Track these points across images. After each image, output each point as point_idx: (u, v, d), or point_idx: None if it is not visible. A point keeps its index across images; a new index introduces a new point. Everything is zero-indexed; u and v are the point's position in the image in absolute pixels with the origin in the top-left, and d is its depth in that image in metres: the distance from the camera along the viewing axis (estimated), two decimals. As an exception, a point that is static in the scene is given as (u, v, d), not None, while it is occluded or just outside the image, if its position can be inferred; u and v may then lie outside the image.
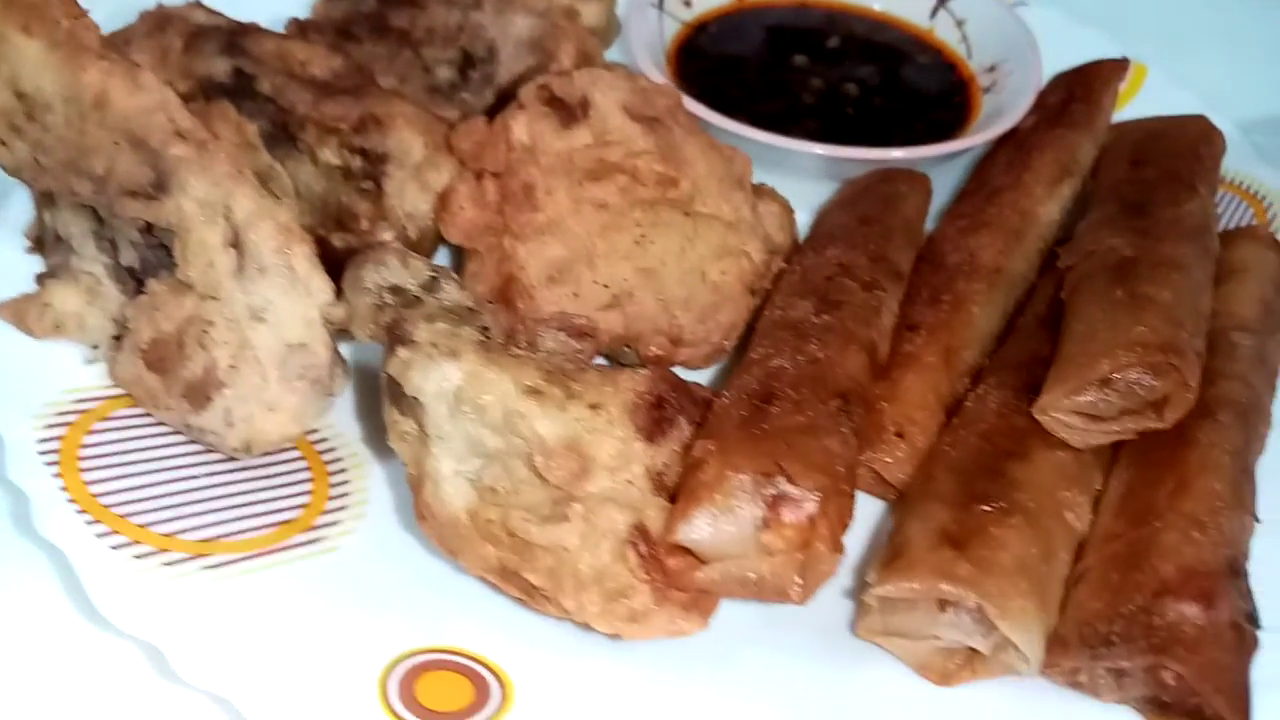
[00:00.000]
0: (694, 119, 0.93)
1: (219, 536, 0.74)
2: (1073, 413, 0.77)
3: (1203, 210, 0.92)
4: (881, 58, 1.25)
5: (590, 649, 0.71)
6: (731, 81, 1.19)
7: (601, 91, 0.90)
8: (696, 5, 1.27)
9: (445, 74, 1.09)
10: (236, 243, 0.77)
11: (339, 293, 0.79)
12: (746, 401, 0.73)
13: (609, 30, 1.18)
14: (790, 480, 0.65)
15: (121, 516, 0.73)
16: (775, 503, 0.66)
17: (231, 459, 0.79)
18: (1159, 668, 0.65)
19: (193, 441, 0.80)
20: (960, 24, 1.27)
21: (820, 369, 0.76)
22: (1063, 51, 1.22)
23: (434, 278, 0.77)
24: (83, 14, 0.81)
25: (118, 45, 0.82)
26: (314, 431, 0.84)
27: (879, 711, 0.70)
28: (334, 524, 0.79)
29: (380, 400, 0.74)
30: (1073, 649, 0.67)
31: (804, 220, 1.03)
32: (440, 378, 0.69)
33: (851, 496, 0.68)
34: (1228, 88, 1.30)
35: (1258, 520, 0.76)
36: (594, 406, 0.71)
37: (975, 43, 1.25)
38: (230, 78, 0.95)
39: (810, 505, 0.65)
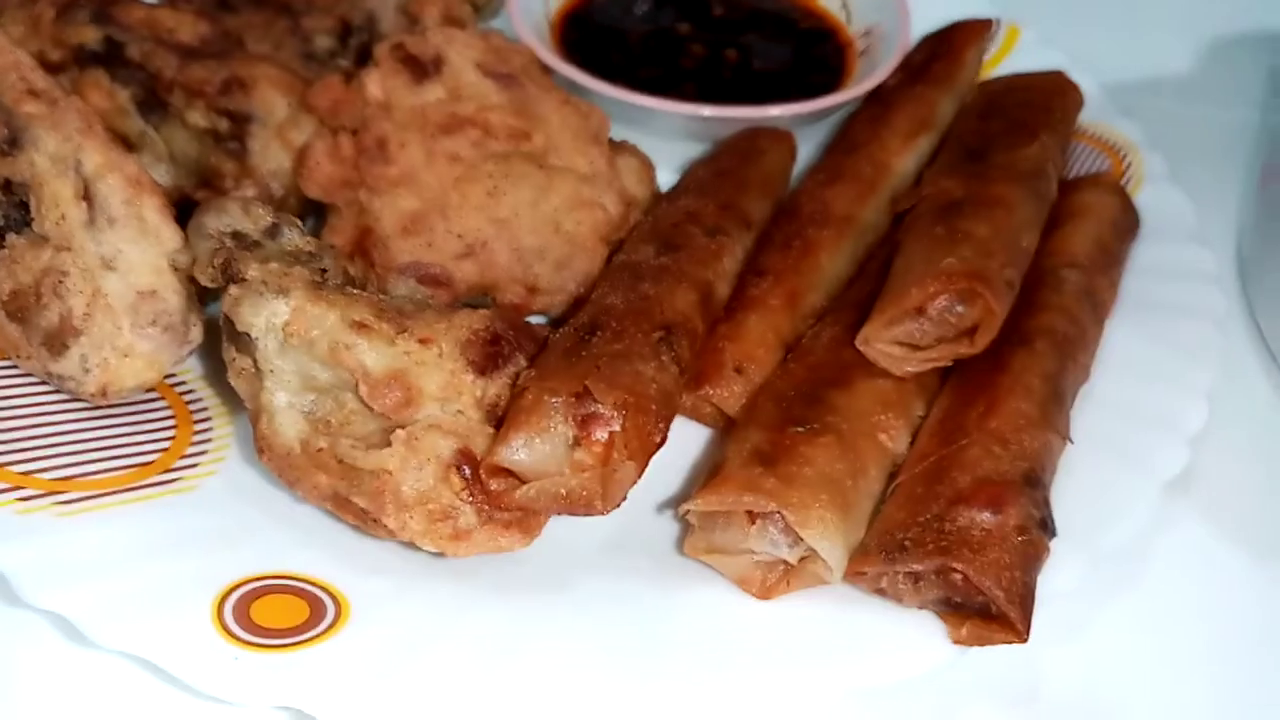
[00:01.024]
0: (548, 76, 0.96)
1: (74, 476, 0.78)
2: (892, 342, 0.81)
3: (1040, 155, 0.96)
4: (763, 25, 1.28)
5: (424, 570, 0.74)
6: (613, 49, 1.23)
7: (456, 50, 0.94)
8: (581, -28, 1.31)
9: (324, 43, 1.11)
10: (87, 195, 0.80)
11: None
12: (573, 334, 0.76)
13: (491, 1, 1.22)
14: (595, 400, 0.69)
15: (-3, 465, 0.76)
16: (585, 422, 0.69)
17: (93, 405, 0.82)
18: (947, 570, 0.68)
19: (56, 390, 0.83)
20: (841, -10, 1.31)
21: (648, 304, 0.79)
22: (938, 8, 1.26)
23: (275, 224, 0.80)
24: (-61, -22, 0.84)
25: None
26: (178, 378, 0.87)
27: (704, 624, 0.74)
28: (193, 466, 0.82)
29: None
30: (872, 556, 0.71)
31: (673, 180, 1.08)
32: (270, 313, 0.72)
33: (658, 415, 0.72)
34: (1102, 50, 1.34)
35: (1070, 441, 0.80)
36: (424, 341, 0.74)
37: (854, 8, 1.29)
38: (101, 45, 0.98)
39: (615, 422, 0.69)
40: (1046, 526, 0.71)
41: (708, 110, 1.10)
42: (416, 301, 0.82)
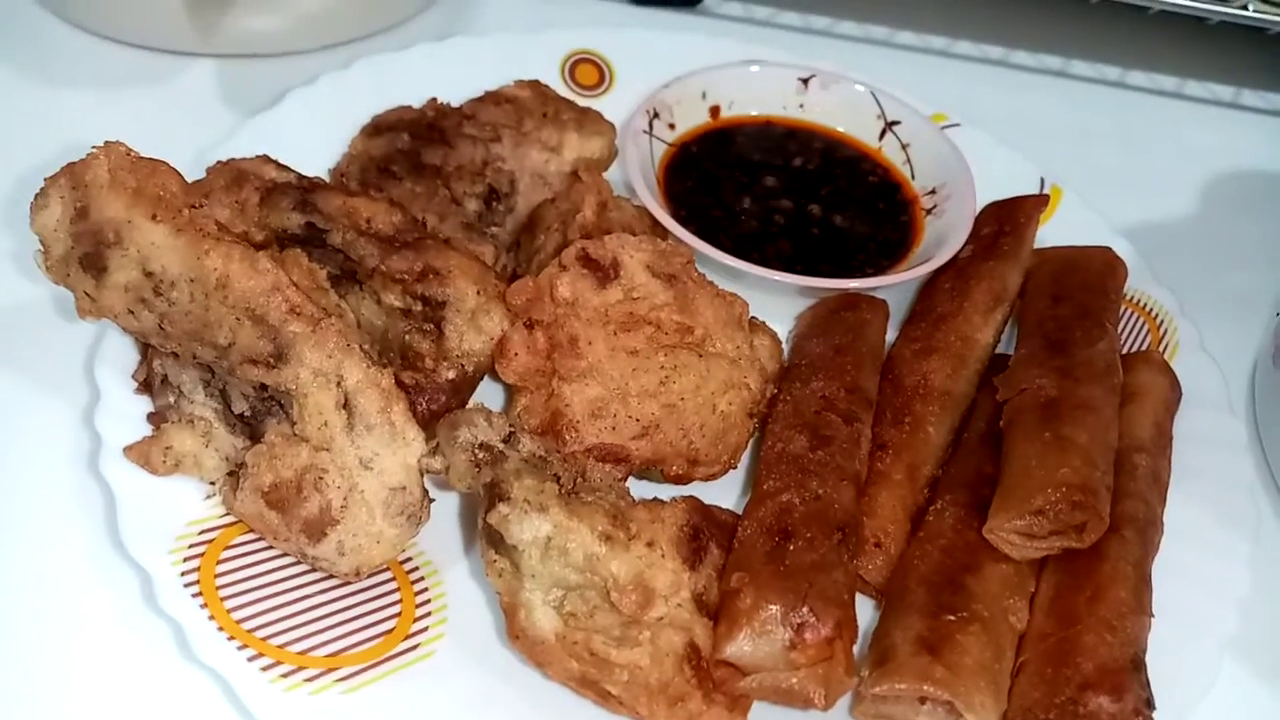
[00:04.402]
0: (700, 274, 1.11)
1: (341, 650, 0.90)
2: (1013, 533, 0.98)
3: (1110, 348, 1.14)
4: (838, 178, 1.44)
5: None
6: (713, 202, 1.37)
7: (628, 254, 1.08)
8: (679, 126, 1.45)
9: (472, 206, 1.25)
10: (347, 405, 0.92)
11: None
12: (767, 536, 0.92)
13: (610, 158, 1.35)
14: (812, 612, 0.85)
15: (262, 639, 0.88)
16: (800, 628, 0.85)
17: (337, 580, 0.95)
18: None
19: (303, 564, 0.95)
20: (905, 147, 1.47)
21: (822, 505, 0.96)
22: (989, 168, 1.44)
23: (512, 432, 0.94)
24: (202, 203, 0.95)
25: (231, 232, 0.96)
26: (397, 548, 1.00)
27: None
28: (424, 629, 0.95)
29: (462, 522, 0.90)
30: (1019, 731, 0.89)
31: (781, 329, 1.23)
32: (534, 529, 0.86)
33: (855, 621, 0.88)
34: (1125, 201, 1.55)
35: (1153, 616, 0.98)
36: (650, 544, 0.89)
37: (918, 166, 1.45)
38: (302, 229, 1.09)
39: (827, 630, 0.85)
40: (1150, 704, 0.90)
41: (817, 282, 1.26)
42: (616, 489, 0.96)
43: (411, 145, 1.25)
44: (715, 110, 1.48)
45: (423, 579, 1.00)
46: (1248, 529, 1.10)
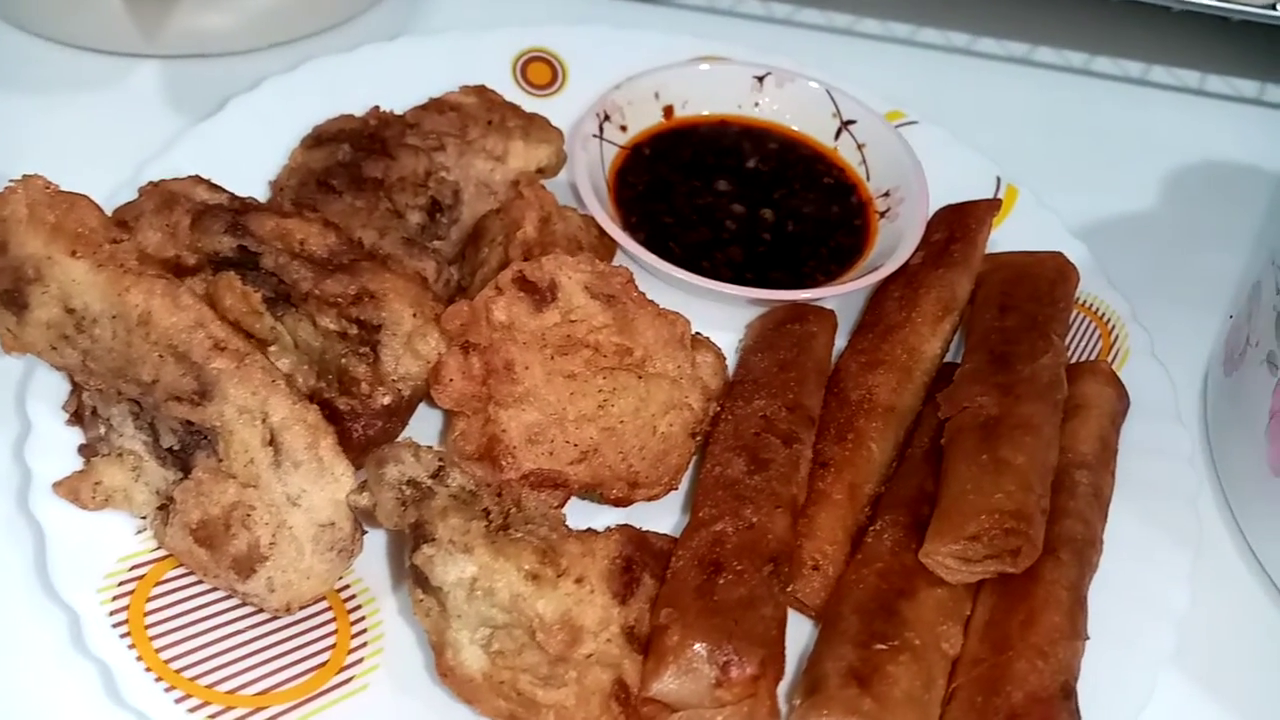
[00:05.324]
0: (642, 294, 1.10)
1: (271, 688, 0.90)
2: (949, 558, 0.98)
3: (1055, 362, 1.14)
4: (792, 179, 1.43)
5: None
6: (664, 208, 1.36)
7: (567, 274, 1.06)
8: (631, 128, 1.43)
9: (415, 218, 1.23)
10: (273, 441, 0.92)
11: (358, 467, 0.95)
12: (699, 569, 0.92)
13: (559, 164, 1.34)
14: (737, 651, 0.85)
15: (190, 680, 0.88)
16: (725, 666, 0.85)
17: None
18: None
19: (234, 598, 0.95)
20: (861, 147, 1.45)
21: (755, 535, 0.95)
22: (945, 167, 1.42)
23: (441, 466, 0.93)
24: (124, 238, 0.94)
25: (157, 264, 0.94)
26: (333, 577, 1.00)
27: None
28: (359, 661, 0.96)
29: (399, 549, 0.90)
30: (948, 761, 0.89)
31: (731, 338, 1.23)
32: (458, 570, 0.86)
33: (783, 659, 0.88)
34: (1085, 196, 1.53)
35: (1087, 638, 0.99)
36: (579, 580, 0.89)
37: (873, 167, 1.44)
38: (235, 252, 1.07)
39: (752, 669, 0.85)
40: (1079, 730, 0.90)
41: (764, 294, 1.25)
42: (550, 520, 0.96)
43: (352, 157, 1.23)
44: (669, 110, 1.46)
45: (360, 607, 1.00)
46: (1189, 544, 1.10)
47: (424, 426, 1.12)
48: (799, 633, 1.01)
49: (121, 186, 1.16)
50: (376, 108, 1.30)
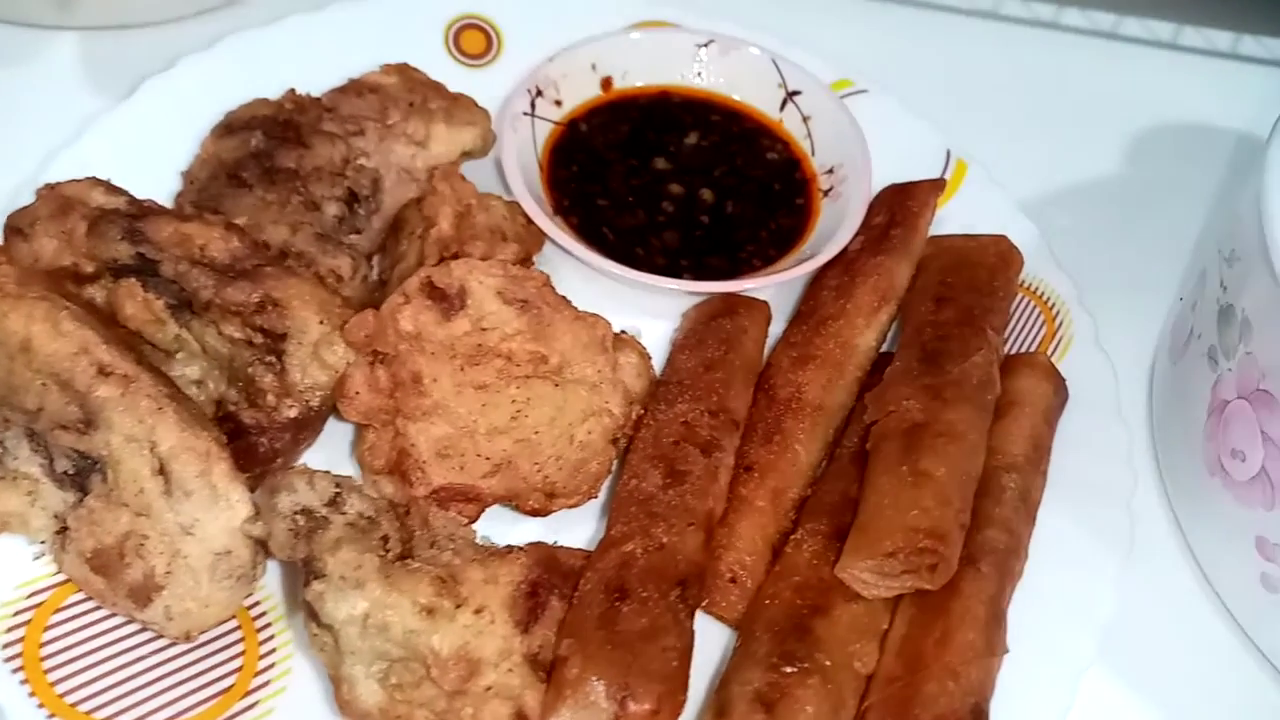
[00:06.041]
0: (559, 296, 1.06)
1: (173, 717, 0.89)
2: (865, 572, 0.96)
3: (987, 360, 1.10)
4: (734, 155, 1.37)
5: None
6: (599, 190, 1.31)
7: (478, 279, 1.03)
8: (567, 102, 1.37)
9: (332, 210, 1.18)
10: (163, 470, 0.89)
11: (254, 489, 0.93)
12: (605, 595, 0.90)
13: (486, 147, 1.28)
14: (634, 687, 0.84)
15: (87, 713, 0.87)
16: (623, 702, 0.84)
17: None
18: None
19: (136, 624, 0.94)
20: (806, 120, 1.39)
21: (665, 556, 0.93)
22: (894, 140, 1.37)
23: (338, 492, 0.91)
24: (1, 260, 0.90)
25: (38, 285, 0.91)
26: (240, 596, 0.98)
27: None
28: (266, 684, 0.94)
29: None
30: (854, 788, 0.88)
31: (666, 327, 1.20)
32: (349, 607, 0.84)
33: (683, 690, 0.87)
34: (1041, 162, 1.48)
35: (1007, 650, 0.97)
36: (478, 611, 0.87)
37: (818, 142, 1.38)
38: (133, 259, 1.04)
39: (649, 704, 0.84)
40: (988, 753, 0.89)
41: (694, 286, 1.21)
42: (457, 541, 0.94)
43: (265, 145, 1.18)
44: (607, 82, 1.40)
45: (270, 625, 0.98)
46: (1119, 549, 1.08)
47: (341, 437, 1.10)
48: (721, 637, 1.00)
49: (23, 186, 1.12)
50: (292, 91, 1.24)
